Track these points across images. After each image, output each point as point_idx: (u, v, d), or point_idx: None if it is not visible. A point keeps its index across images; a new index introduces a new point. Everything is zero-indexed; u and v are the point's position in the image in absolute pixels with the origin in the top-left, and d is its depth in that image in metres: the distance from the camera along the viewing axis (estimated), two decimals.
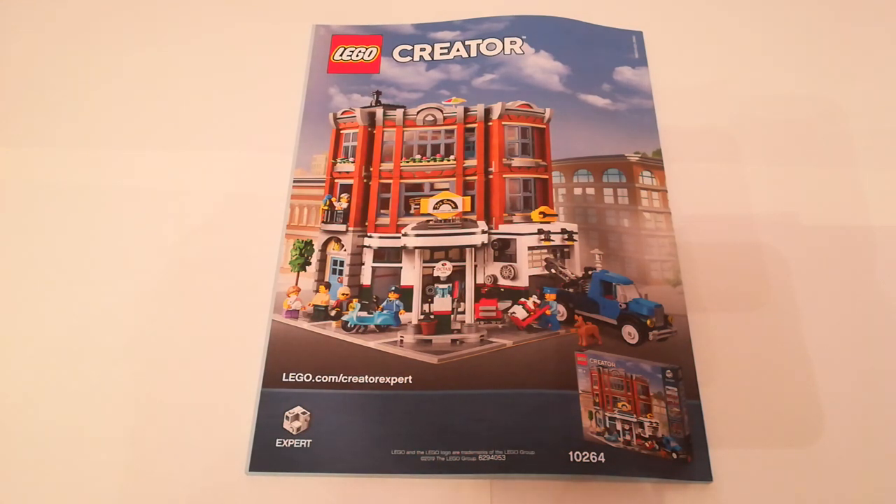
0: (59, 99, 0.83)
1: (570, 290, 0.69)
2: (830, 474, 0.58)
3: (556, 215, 0.72)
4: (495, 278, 0.69)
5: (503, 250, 0.70)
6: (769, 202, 0.69)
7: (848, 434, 0.60)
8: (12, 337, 0.67)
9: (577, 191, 0.73)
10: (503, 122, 0.77)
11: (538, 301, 0.67)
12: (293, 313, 0.68)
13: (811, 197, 0.73)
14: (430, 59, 0.82)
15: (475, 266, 0.69)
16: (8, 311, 0.68)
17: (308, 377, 0.63)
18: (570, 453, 0.58)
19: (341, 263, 0.74)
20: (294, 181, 0.74)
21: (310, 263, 0.71)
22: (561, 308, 0.67)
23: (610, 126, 0.75)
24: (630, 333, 0.65)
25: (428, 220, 0.72)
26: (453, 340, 0.65)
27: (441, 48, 0.83)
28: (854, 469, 0.59)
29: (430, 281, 0.69)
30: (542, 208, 0.72)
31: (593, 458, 0.57)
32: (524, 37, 0.82)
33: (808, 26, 0.86)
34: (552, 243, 0.70)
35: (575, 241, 0.71)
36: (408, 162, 0.77)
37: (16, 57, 0.86)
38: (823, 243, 0.69)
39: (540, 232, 0.72)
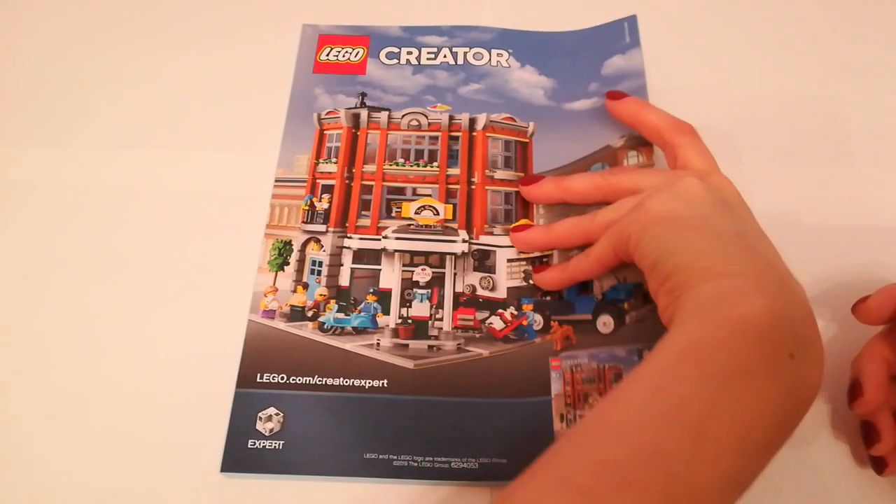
0: (46, 99, 0.81)
1: (548, 297, 0.69)
2: (830, 474, 0.59)
3: None
4: (474, 288, 0.69)
5: (483, 261, 0.71)
6: (769, 202, 0.69)
7: (848, 433, 0.60)
8: None
9: None
10: (487, 134, 0.77)
11: (515, 312, 0.67)
12: (270, 313, 0.67)
13: (811, 197, 0.73)
14: (416, 62, 0.82)
15: (455, 274, 0.70)
16: None
17: (283, 378, 0.63)
18: None
19: (320, 264, 0.74)
20: (276, 181, 0.74)
21: (288, 263, 0.71)
22: (538, 317, 0.67)
23: (596, 123, 0.75)
24: (605, 323, 0.65)
25: (409, 224, 0.73)
26: (430, 346, 0.66)
27: (428, 53, 0.83)
28: (854, 469, 0.59)
29: (408, 285, 0.70)
30: (523, 222, 0.72)
31: None
32: (510, 50, 0.83)
33: (809, 25, 0.87)
34: (531, 255, 0.71)
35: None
36: (391, 165, 0.77)
37: (8, 59, 0.85)
38: (823, 243, 0.70)
39: None
